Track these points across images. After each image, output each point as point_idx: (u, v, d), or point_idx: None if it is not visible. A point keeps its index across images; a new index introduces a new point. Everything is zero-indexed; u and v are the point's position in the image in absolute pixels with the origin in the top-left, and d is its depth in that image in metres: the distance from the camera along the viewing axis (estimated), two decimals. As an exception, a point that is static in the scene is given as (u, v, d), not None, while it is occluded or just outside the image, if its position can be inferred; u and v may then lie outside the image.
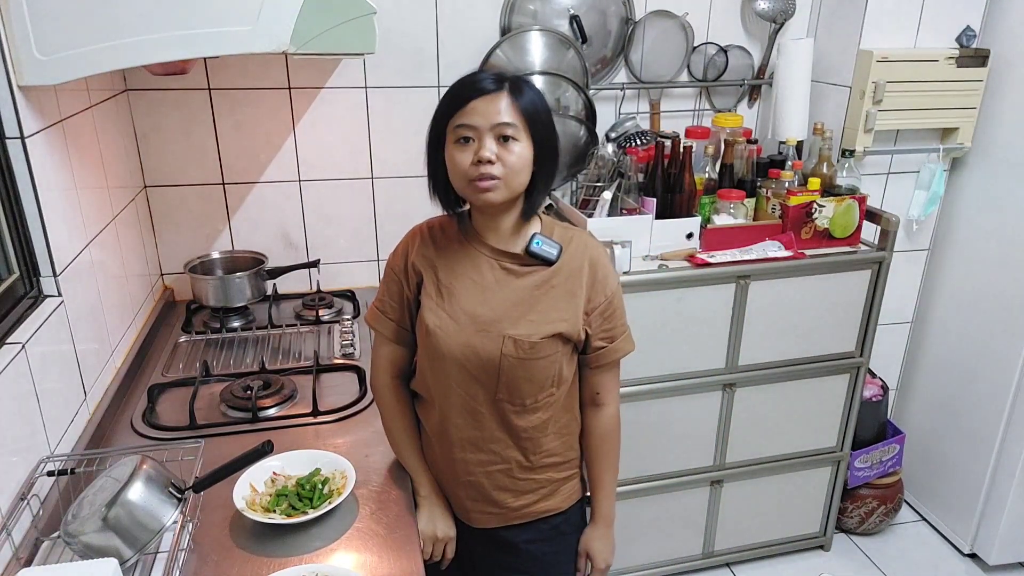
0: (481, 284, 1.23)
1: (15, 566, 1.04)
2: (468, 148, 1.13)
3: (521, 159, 1.14)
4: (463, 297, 1.22)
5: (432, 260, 1.26)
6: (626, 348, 1.31)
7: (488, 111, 1.12)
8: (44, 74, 1.19)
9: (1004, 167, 2.19)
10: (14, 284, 1.23)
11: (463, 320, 1.21)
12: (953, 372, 2.42)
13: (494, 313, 1.21)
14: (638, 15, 2.12)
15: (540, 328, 1.20)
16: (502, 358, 1.20)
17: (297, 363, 1.72)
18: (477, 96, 1.13)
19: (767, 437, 2.20)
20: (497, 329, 1.20)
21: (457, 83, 1.18)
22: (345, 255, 2.15)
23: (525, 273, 1.23)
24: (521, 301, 1.22)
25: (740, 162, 2.11)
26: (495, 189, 1.14)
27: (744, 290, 1.98)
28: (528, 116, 1.14)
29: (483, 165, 1.12)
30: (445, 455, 1.30)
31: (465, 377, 1.23)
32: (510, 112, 1.13)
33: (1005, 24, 2.14)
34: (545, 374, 1.23)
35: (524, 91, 1.15)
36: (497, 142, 1.12)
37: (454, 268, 1.24)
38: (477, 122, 1.12)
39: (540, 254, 1.22)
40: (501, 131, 1.12)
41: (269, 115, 1.96)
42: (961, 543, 2.44)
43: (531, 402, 1.24)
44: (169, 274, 2.04)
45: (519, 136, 1.13)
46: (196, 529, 1.16)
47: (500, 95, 1.13)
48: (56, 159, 1.34)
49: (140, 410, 1.50)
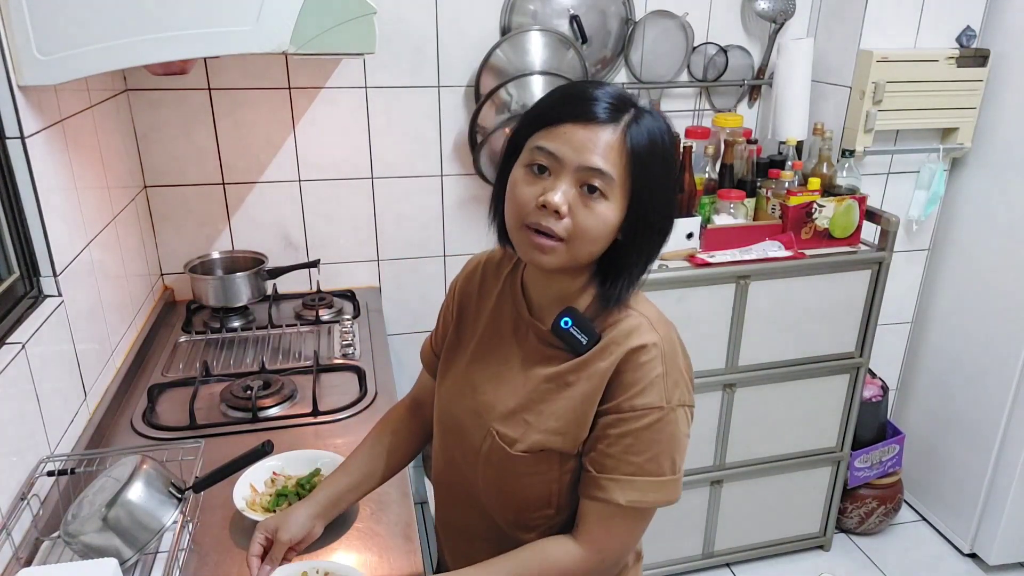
0: (504, 354, 0.97)
1: (15, 566, 1.04)
2: (538, 182, 0.84)
3: (601, 223, 0.83)
4: (478, 361, 0.99)
5: (472, 301, 1.04)
6: (612, 494, 0.87)
7: (583, 144, 0.81)
8: (44, 74, 1.19)
9: (1004, 167, 2.19)
10: (14, 284, 1.23)
11: (462, 389, 1.00)
12: (953, 372, 2.42)
13: (495, 396, 0.96)
14: (638, 15, 2.12)
15: (528, 435, 0.92)
16: (480, 456, 0.95)
17: (297, 363, 1.72)
18: (578, 120, 0.82)
19: (767, 437, 2.20)
20: (487, 418, 0.95)
21: (564, 89, 0.88)
22: (345, 255, 2.15)
23: (551, 357, 0.93)
24: (526, 392, 0.94)
25: (740, 162, 2.12)
26: (550, 252, 0.84)
27: (744, 290, 1.98)
28: (636, 167, 0.83)
29: (547, 213, 0.82)
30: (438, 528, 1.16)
31: (452, 457, 1.02)
32: (612, 156, 0.82)
33: (1005, 24, 2.14)
34: (531, 493, 0.94)
35: (645, 130, 0.83)
36: (578, 189, 0.83)
37: (487, 321, 1.01)
38: (563, 153, 0.82)
39: (565, 337, 0.91)
40: (587, 178, 0.82)
41: (269, 115, 1.96)
42: (961, 543, 2.44)
43: (515, 518, 0.98)
44: (169, 274, 2.04)
45: (611, 193, 0.83)
46: (196, 529, 1.16)
47: (609, 129, 0.82)
48: (56, 159, 1.34)
49: (140, 410, 1.50)
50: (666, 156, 0.86)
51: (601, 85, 0.86)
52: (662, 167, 0.85)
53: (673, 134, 0.89)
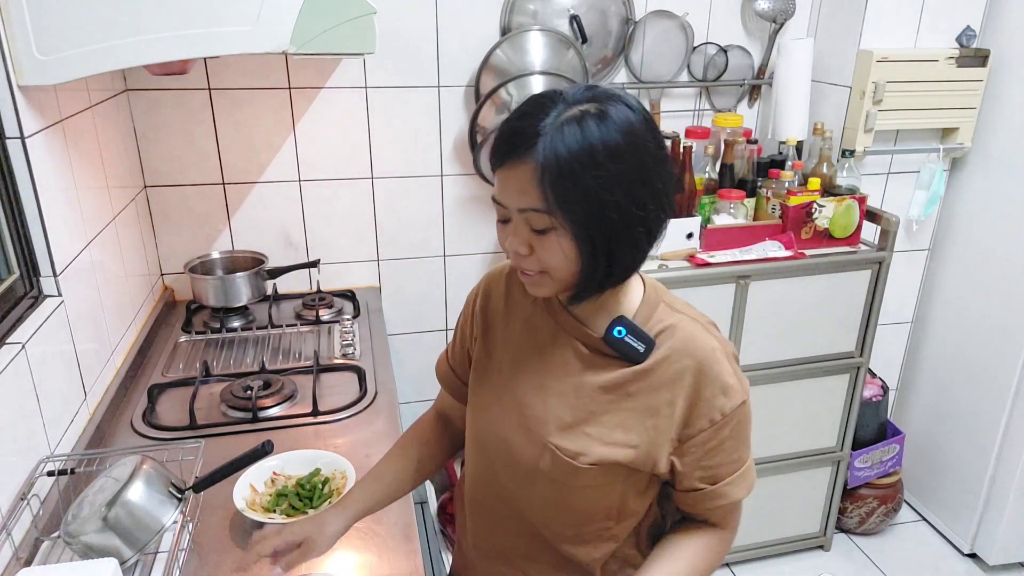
0: (546, 366, 0.94)
1: (15, 566, 1.04)
2: (504, 229, 0.85)
3: (559, 253, 0.81)
4: (519, 376, 0.95)
5: (500, 315, 1.00)
6: (734, 495, 0.93)
7: (509, 187, 0.81)
8: (44, 74, 1.19)
9: (1004, 167, 2.19)
10: (14, 284, 1.23)
11: (507, 406, 0.95)
12: (953, 372, 2.42)
13: (546, 409, 0.92)
14: (638, 15, 2.12)
15: (593, 449, 0.89)
16: (537, 473, 0.92)
17: (297, 363, 1.72)
18: (501, 163, 0.81)
19: (767, 437, 2.20)
20: (541, 433, 0.91)
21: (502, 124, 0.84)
22: (345, 255, 2.15)
23: (601, 366, 0.91)
24: (582, 404, 0.91)
25: (740, 162, 2.12)
26: (539, 284, 0.86)
27: (744, 290, 1.98)
28: (558, 193, 0.77)
29: (516, 257, 0.85)
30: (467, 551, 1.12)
31: (495, 477, 0.98)
32: (536, 192, 0.77)
33: (1005, 24, 2.13)
34: (593, 506, 0.94)
35: (569, 148, 0.75)
36: (529, 229, 0.82)
37: (521, 332, 0.97)
38: (504, 199, 0.82)
39: (620, 349, 0.89)
40: (527, 219, 0.80)
41: (269, 115, 1.96)
42: (961, 543, 2.44)
43: (573, 533, 0.97)
44: (169, 274, 2.04)
45: (555, 221, 0.79)
46: (196, 529, 1.16)
47: (520, 165, 0.78)
48: (56, 159, 1.34)
49: (140, 410, 1.50)
50: (593, 152, 0.76)
51: (518, 111, 0.81)
52: (599, 183, 0.76)
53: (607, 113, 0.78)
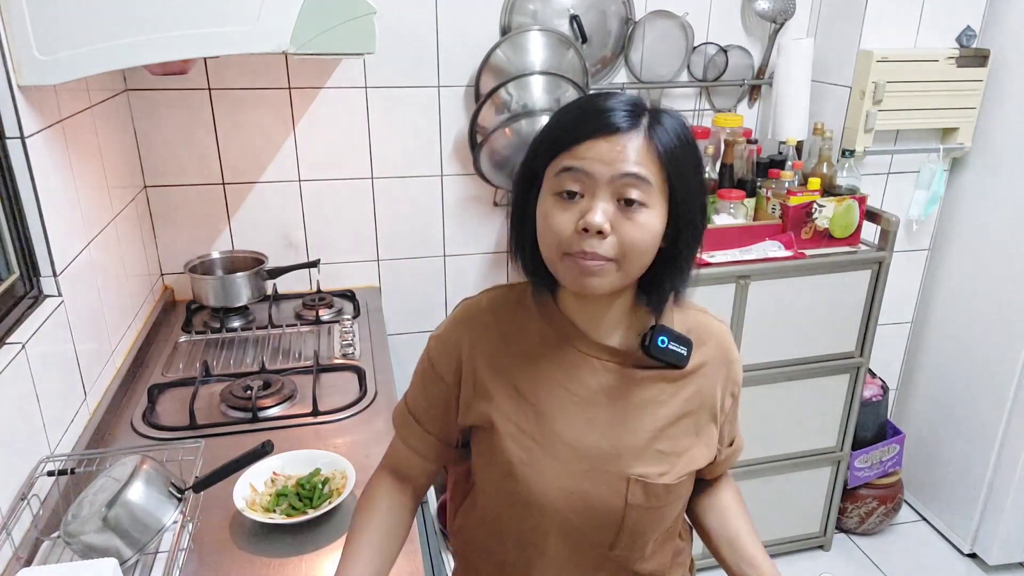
0: (583, 397, 0.87)
1: (15, 566, 1.04)
2: (572, 206, 0.79)
3: (648, 234, 0.79)
4: (559, 418, 0.87)
5: (501, 358, 0.90)
6: (740, 443, 1.01)
7: (612, 156, 0.77)
8: (44, 74, 1.19)
9: (1004, 167, 2.19)
10: (14, 284, 1.23)
11: (564, 455, 0.87)
12: (953, 372, 2.42)
13: (610, 443, 0.87)
14: (638, 15, 2.12)
15: (676, 463, 0.88)
16: (627, 509, 0.87)
17: (297, 363, 1.72)
18: (600, 133, 0.78)
19: (767, 437, 2.20)
20: (618, 468, 0.86)
21: (575, 106, 0.83)
22: (345, 255, 2.15)
23: (642, 380, 0.88)
24: (643, 424, 0.88)
25: (740, 162, 2.12)
26: (602, 274, 0.79)
27: (744, 290, 1.98)
28: (671, 169, 0.79)
29: (590, 236, 0.77)
30: None
31: (567, 531, 0.89)
32: (645, 161, 0.77)
33: (1005, 24, 2.13)
34: (676, 514, 0.95)
35: (668, 129, 0.80)
36: (617, 205, 0.78)
37: (538, 371, 0.88)
38: (594, 168, 0.77)
39: (666, 358, 0.87)
40: (625, 190, 0.77)
41: (269, 115, 1.96)
42: (961, 543, 2.44)
43: (653, 548, 0.95)
44: (169, 274, 2.04)
45: (650, 200, 0.78)
46: (196, 529, 1.16)
47: (633, 135, 0.78)
48: (56, 159, 1.34)
49: (140, 410, 1.50)
50: (695, 153, 0.83)
51: (610, 96, 0.82)
52: (693, 164, 0.82)
53: (692, 130, 0.87)
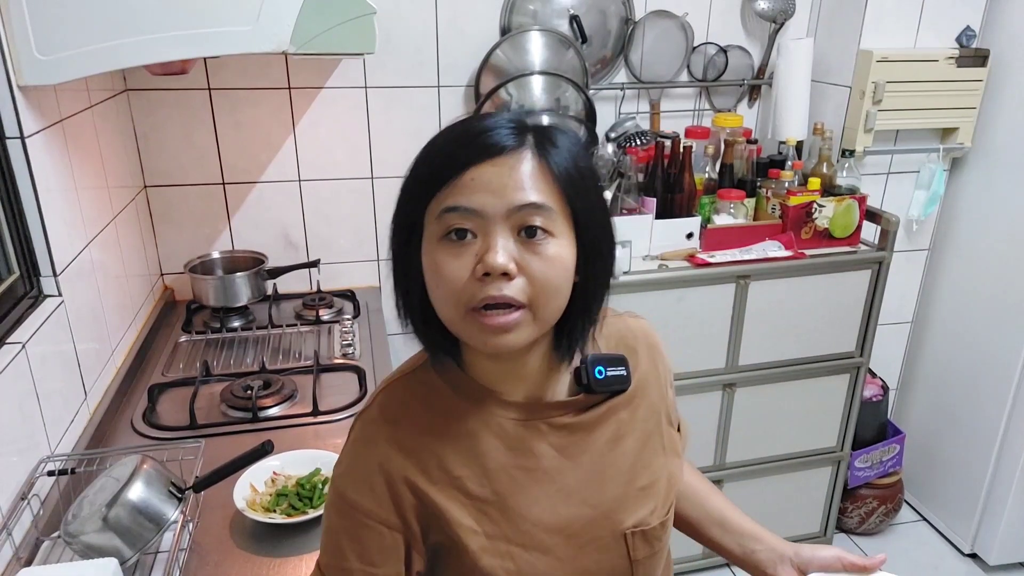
0: (543, 470, 0.75)
1: (15, 566, 1.04)
2: (465, 249, 0.65)
3: (560, 268, 0.67)
4: (527, 505, 0.75)
5: (430, 468, 0.73)
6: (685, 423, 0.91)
7: (501, 183, 0.65)
8: (44, 74, 1.19)
9: (1004, 167, 2.19)
10: (14, 284, 1.23)
11: (550, 543, 0.75)
12: (953, 372, 2.42)
13: (591, 507, 0.76)
14: (638, 15, 2.12)
15: (660, 492, 0.80)
16: (635, 566, 0.79)
17: (297, 363, 1.72)
18: (481, 157, 0.65)
19: (767, 437, 2.20)
20: (611, 529, 0.77)
21: (445, 131, 0.70)
22: (345, 255, 2.15)
23: (596, 421, 0.78)
24: (616, 466, 0.78)
25: (740, 162, 2.12)
26: (516, 328, 0.66)
27: (744, 290, 1.98)
28: (570, 191, 0.67)
29: (494, 280, 0.64)
30: None
31: None
32: (540, 185, 0.66)
33: (1005, 24, 2.13)
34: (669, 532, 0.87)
35: (561, 146, 0.68)
36: (517, 238, 0.66)
37: (480, 463, 0.74)
38: (483, 203, 0.65)
39: (610, 387, 0.77)
40: (524, 219, 0.65)
41: (269, 115, 1.96)
42: (961, 543, 2.44)
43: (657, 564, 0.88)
44: (169, 274, 2.04)
45: (555, 228, 0.66)
46: (196, 529, 1.16)
47: (521, 155, 0.66)
48: (56, 159, 1.34)
49: (140, 410, 1.50)
50: (593, 172, 0.72)
51: (485, 116, 0.70)
52: (593, 184, 0.71)
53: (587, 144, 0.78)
